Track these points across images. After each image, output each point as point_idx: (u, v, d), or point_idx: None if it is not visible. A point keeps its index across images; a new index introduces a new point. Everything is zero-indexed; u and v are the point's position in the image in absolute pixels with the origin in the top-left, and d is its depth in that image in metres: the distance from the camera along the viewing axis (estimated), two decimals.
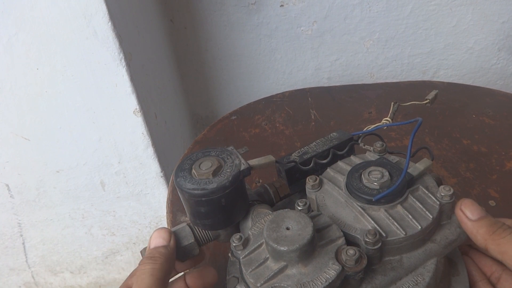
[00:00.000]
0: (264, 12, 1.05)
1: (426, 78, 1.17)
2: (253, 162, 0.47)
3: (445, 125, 0.85)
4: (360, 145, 0.53)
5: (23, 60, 0.77)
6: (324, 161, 0.52)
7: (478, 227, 0.40)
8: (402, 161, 0.49)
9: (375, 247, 0.40)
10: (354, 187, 0.45)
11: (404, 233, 0.41)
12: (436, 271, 0.43)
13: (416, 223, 0.42)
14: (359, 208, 0.44)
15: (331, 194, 0.47)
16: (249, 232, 0.43)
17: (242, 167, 0.45)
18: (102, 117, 0.86)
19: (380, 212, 0.43)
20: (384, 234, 0.41)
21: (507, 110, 0.88)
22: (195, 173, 0.44)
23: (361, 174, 0.46)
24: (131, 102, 0.83)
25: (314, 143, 0.54)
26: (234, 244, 0.42)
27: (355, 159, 0.51)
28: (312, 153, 0.52)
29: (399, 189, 0.43)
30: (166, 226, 0.75)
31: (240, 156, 0.47)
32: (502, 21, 1.06)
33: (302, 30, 1.08)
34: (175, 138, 1.08)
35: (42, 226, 1.09)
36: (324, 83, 1.18)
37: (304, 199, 0.45)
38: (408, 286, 0.42)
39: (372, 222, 0.42)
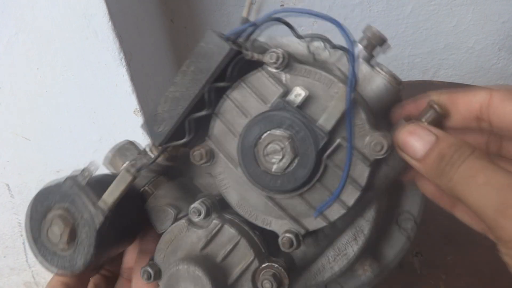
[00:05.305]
0: (264, 12, 1.05)
1: (426, 78, 1.17)
2: (107, 198, 0.35)
3: None
4: (250, 56, 0.34)
5: (23, 60, 0.77)
6: (204, 113, 0.35)
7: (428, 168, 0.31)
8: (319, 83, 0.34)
9: (296, 248, 0.35)
10: (251, 173, 0.34)
11: (327, 221, 0.35)
12: (377, 217, 0.38)
13: (341, 204, 0.34)
14: (267, 200, 0.35)
15: (230, 171, 0.36)
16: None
17: (97, 222, 0.35)
18: (102, 117, 0.86)
19: (294, 200, 0.35)
20: (303, 231, 0.35)
21: None
22: (49, 245, 0.37)
23: (255, 151, 0.34)
24: (131, 102, 0.83)
25: (179, 77, 0.35)
26: None
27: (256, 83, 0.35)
28: (182, 108, 0.35)
29: (335, 194, 0.34)
30: None
31: (88, 200, 0.35)
32: (502, 21, 1.06)
33: (302, 30, 1.08)
34: None
35: None
36: None
37: (197, 205, 0.37)
38: (347, 243, 0.38)
39: (286, 216, 0.35)
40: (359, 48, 0.37)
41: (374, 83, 0.35)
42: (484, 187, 0.28)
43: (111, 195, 0.35)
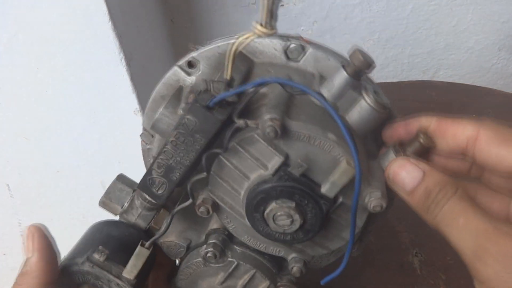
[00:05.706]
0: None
1: (426, 78, 1.17)
2: (130, 270, 0.39)
3: None
4: (243, 125, 0.35)
5: (23, 60, 0.77)
6: (203, 176, 0.38)
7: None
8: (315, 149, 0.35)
9: (303, 274, 0.41)
10: (262, 232, 0.38)
11: (329, 249, 0.40)
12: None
13: (341, 239, 0.39)
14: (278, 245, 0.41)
15: (237, 219, 0.40)
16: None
17: None
18: (102, 117, 0.86)
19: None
20: (308, 259, 0.41)
21: (507, 110, 0.87)
22: None
23: (264, 216, 0.37)
24: (132, 102, 0.83)
25: (170, 147, 0.37)
26: None
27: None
28: (181, 174, 0.38)
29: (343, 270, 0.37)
30: None
31: (113, 276, 0.39)
32: (502, 21, 1.06)
33: (302, 30, 1.08)
34: None
35: None
36: None
37: (211, 250, 0.41)
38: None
39: (292, 250, 0.41)
40: (344, 76, 0.35)
41: (360, 109, 0.36)
42: (463, 230, 0.31)
43: (134, 268, 0.39)
